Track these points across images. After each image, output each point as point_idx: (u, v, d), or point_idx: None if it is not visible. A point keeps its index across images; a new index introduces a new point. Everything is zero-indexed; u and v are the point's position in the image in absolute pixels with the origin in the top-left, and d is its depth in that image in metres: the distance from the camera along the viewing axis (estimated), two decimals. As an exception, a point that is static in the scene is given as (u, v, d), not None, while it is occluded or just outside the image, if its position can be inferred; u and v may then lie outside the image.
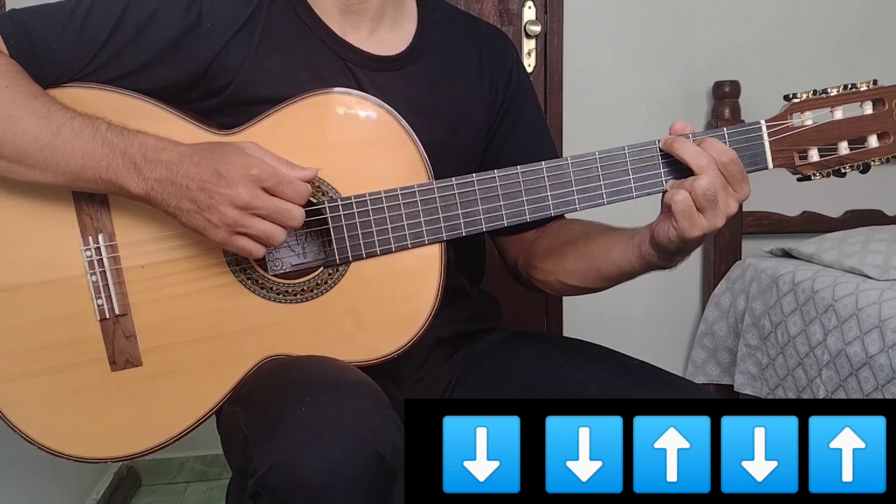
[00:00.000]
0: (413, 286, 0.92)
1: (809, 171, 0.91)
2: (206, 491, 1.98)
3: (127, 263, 0.90)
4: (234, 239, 0.84)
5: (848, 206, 2.16)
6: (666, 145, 0.88)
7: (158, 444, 0.91)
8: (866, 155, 0.91)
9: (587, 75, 2.04)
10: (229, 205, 0.82)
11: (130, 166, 0.83)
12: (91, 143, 0.83)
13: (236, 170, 0.82)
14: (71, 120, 0.84)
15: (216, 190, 0.82)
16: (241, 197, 0.82)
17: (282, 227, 0.84)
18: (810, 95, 0.89)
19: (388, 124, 0.91)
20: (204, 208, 0.83)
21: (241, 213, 0.82)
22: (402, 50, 1.00)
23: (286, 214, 0.84)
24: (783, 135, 0.89)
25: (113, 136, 0.84)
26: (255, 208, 0.83)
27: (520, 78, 1.09)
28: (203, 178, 0.82)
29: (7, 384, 0.89)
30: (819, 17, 2.12)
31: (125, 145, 0.84)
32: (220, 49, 0.91)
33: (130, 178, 0.83)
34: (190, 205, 0.83)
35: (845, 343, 1.60)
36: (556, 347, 1.05)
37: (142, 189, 0.83)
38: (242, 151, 0.84)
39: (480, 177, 0.90)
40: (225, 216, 0.82)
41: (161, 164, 0.83)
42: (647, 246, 0.90)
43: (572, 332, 2.07)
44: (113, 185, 0.84)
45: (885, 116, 0.89)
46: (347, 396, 0.78)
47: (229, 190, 0.82)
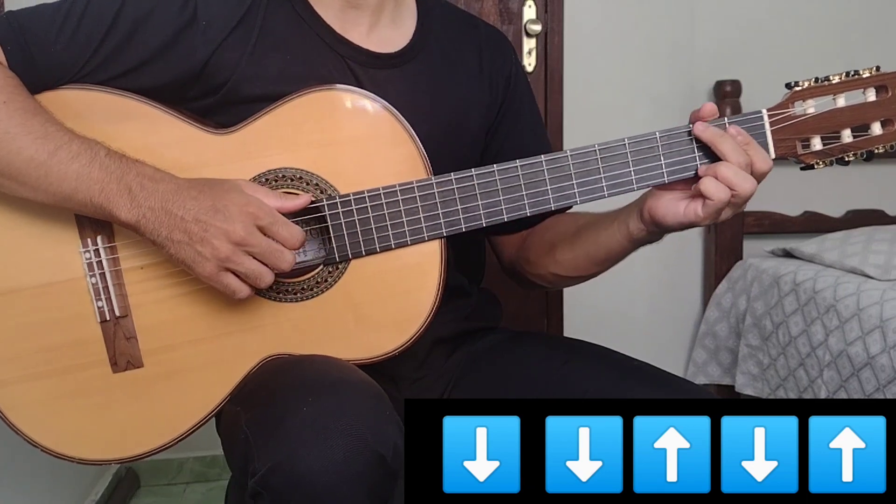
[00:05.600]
0: (414, 283, 0.92)
1: (812, 159, 0.90)
2: (205, 492, 1.98)
3: (126, 265, 0.90)
4: (222, 275, 0.84)
5: (849, 206, 2.16)
6: (707, 135, 0.87)
7: (161, 445, 0.91)
8: (870, 142, 0.89)
9: (587, 75, 2.04)
10: (224, 239, 0.82)
11: (125, 192, 0.83)
12: (87, 167, 0.83)
13: (234, 206, 0.83)
14: (69, 142, 0.84)
15: (212, 223, 0.82)
16: (237, 232, 0.82)
17: (270, 270, 0.84)
18: (812, 83, 0.88)
19: (386, 121, 0.91)
20: (197, 241, 0.83)
21: (234, 249, 0.83)
22: (401, 47, 1.00)
23: (278, 256, 0.84)
24: (785, 123, 0.88)
25: (110, 162, 0.84)
26: (249, 245, 0.83)
27: (519, 78, 1.09)
28: (200, 211, 0.82)
29: (8, 387, 0.89)
30: (821, 16, 2.12)
31: (122, 171, 0.83)
32: (217, 46, 0.91)
33: (123, 203, 0.83)
34: (182, 236, 0.83)
35: (847, 343, 1.59)
36: (556, 347, 1.05)
37: (132, 216, 0.83)
38: (241, 189, 0.85)
39: (479, 171, 0.90)
40: (218, 250, 0.82)
41: (157, 193, 0.83)
42: (637, 222, 0.91)
43: (572, 332, 2.06)
44: (103, 209, 0.84)
45: (888, 103, 0.88)
46: (349, 397, 0.78)
47: (226, 224, 0.82)
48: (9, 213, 0.89)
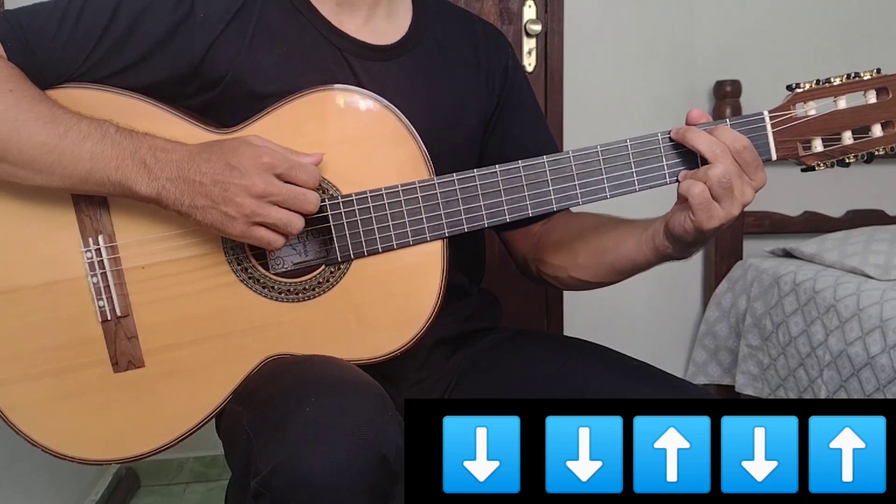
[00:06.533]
0: (415, 283, 0.92)
1: (813, 161, 0.90)
2: (205, 492, 1.98)
3: (127, 264, 0.90)
4: (253, 230, 0.84)
5: (849, 206, 2.16)
6: (678, 135, 0.88)
7: (162, 445, 0.91)
8: (870, 144, 0.90)
9: (587, 75, 2.04)
10: (246, 194, 0.82)
11: (141, 167, 0.83)
12: (100, 145, 0.83)
13: (248, 160, 0.82)
14: (78, 123, 0.84)
15: (231, 181, 0.82)
16: (257, 185, 0.82)
17: (298, 214, 0.84)
18: (813, 85, 0.89)
19: (388, 120, 0.91)
20: (220, 202, 0.82)
21: (258, 202, 0.82)
22: (397, 40, 1.00)
23: (302, 199, 0.84)
24: (786, 125, 0.89)
25: (122, 138, 0.84)
26: (272, 195, 0.83)
27: (516, 71, 1.09)
28: (216, 172, 0.82)
29: (9, 386, 0.89)
30: (821, 16, 2.12)
31: (135, 146, 0.84)
32: (214, 40, 0.91)
33: (141, 178, 0.83)
34: (205, 200, 0.83)
35: (847, 343, 1.59)
36: (556, 347, 1.05)
37: (153, 189, 0.83)
38: (250, 143, 0.85)
39: (481, 172, 0.90)
40: (242, 207, 0.82)
41: (172, 163, 0.83)
42: (662, 238, 0.90)
43: (572, 332, 2.06)
44: (122, 186, 0.84)
45: (888, 105, 0.88)
46: (351, 397, 0.78)
47: (244, 180, 0.82)
48: (10, 212, 0.89)
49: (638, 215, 0.98)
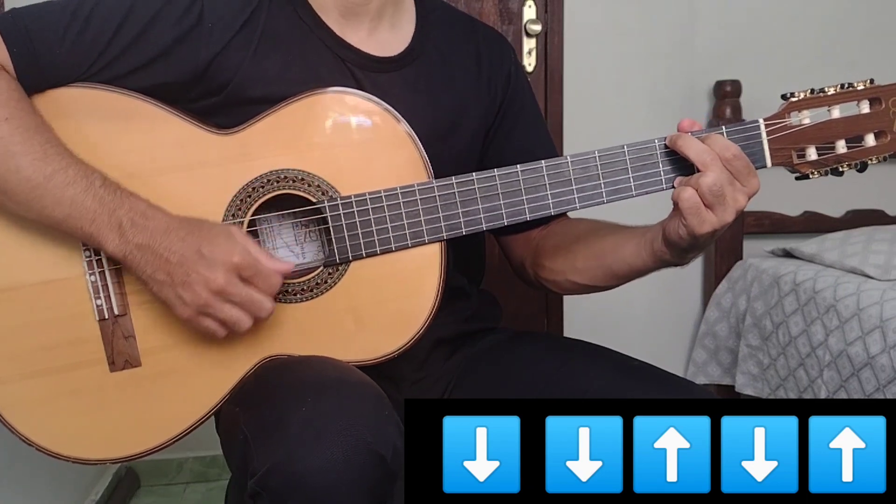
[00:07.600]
0: (413, 285, 0.92)
1: (807, 169, 0.91)
2: (205, 492, 1.98)
3: (126, 263, 0.90)
4: (201, 319, 0.85)
5: (849, 206, 2.16)
6: (671, 142, 0.88)
7: (158, 444, 0.91)
8: (863, 153, 0.91)
9: (587, 75, 2.03)
10: (204, 286, 0.83)
11: (115, 227, 0.83)
12: (82, 195, 0.83)
13: (219, 254, 0.83)
14: (66, 168, 0.84)
15: (195, 269, 0.83)
16: (217, 281, 0.83)
17: (249, 317, 0.85)
18: (808, 94, 0.90)
19: (387, 123, 0.91)
20: (178, 284, 0.83)
21: (213, 297, 0.83)
22: (400, 51, 1.00)
23: (257, 306, 0.85)
24: (781, 133, 0.90)
25: (105, 193, 0.84)
26: (229, 295, 0.84)
27: (518, 79, 1.09)
28: (185, 255, 0.83)
29: (5, 385, 0.89)
30: (821, 16, 2.12)
31: (115, 205, 0.84)
32: (221, 49, 0.91)
33: (111, 238, 0.83)
34: (165, 277, 0.84)
35: (847, 343, 1.59)
36: (556, 347, 1.05)
37: (119, 251, 0.84)
38: (229, 236, 0.85)
39: (480, 176, 0.91)
40: (197, 297, 0.83)
41: (147, 231, 0.83)
42: (660, 243, 0.90)
43: (572, 332, 2.06)
44: (93, 239, 0.84)
45: (881, 115, 0.90)
46: (348, 397, 0.78)
47: (208, 272, 0.83)
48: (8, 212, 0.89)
49: (636, 221, 0.98)
